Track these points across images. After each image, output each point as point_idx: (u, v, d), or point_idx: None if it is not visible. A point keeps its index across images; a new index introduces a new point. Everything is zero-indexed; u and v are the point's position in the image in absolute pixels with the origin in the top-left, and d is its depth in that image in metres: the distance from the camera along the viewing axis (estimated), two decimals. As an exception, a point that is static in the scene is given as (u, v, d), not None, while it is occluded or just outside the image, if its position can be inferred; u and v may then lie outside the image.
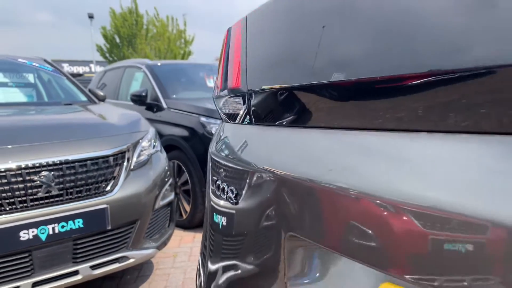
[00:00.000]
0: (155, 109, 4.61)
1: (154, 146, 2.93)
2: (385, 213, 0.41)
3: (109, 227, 2.35)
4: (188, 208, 4.07)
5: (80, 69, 37.42)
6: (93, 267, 2.33)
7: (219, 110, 0.88)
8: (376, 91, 0.47)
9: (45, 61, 4.01)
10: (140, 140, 2.76)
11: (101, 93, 3.81)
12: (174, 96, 4.73)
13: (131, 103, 4.78)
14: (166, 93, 4.69)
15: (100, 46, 22.99)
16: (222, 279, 0.79)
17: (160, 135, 4.16)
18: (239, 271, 0.72)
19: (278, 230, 0.61)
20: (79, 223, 2.23)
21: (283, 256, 0.58)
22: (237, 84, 0.73)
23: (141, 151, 2.73)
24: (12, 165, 2.08)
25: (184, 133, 4.10)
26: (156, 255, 3.31)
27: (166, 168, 2.96)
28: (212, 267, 0.85)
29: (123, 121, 2.87)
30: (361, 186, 0.44)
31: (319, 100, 0.53)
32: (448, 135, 0.40)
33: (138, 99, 4.65)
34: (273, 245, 0.63)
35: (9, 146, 2.18)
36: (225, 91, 0.79)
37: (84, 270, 2.29)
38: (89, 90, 3.82)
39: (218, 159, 0.77)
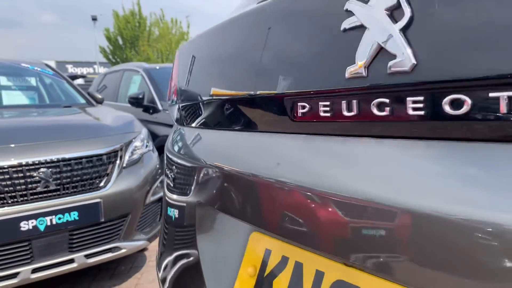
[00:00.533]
0: (151, 111, 4.82)
1: (146, 146, 3.14)
2: (255, 186, 0.62)
3: (102, 220, 2.57)
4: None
5: (84, 70, 37.79)
6: (88, 256, 2.54)
7: (171, 115, 1.09)
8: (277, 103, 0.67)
9: (46, 65, 4.24)
10: (133, 140, 2.98)
11: (99, 96, 4.04)
12: (170, 98, 4.94)
13: (129, 105, 5.00)
14: (162, 96, 4.90)
15: (103, 47, 23.30)
16: (175, 269, 0.94)
17: (156, 135, 4.37)
18: (190, 259, 0.88)
19: (243, 229, 0.80)
20: (74, 215, 2.45)
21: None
22: (174, 97, 0.95)
23: (134, 150, 2.94)
24: (14, 162, 2.30)
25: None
26: (149, 249, 3.53)
27: (158, 166, 3.17)
28: (167, 259, 1.00)
29: (117, 123, 3.08)
30: (245, 169, 0.65)
31: (222, 110, 0.74)
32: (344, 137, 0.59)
33: (135, 101, 4.87)
34: (232, 242, 0.81)
35: (12, 145, 2.40)
36: (170, 101, 1.00)
37: (79, 259, 2.51)
38: (88, 93, 4.04)
39: (170, 156, 0.98)
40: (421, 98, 0.42)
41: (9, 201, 2.27)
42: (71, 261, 2.48)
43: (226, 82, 0.71)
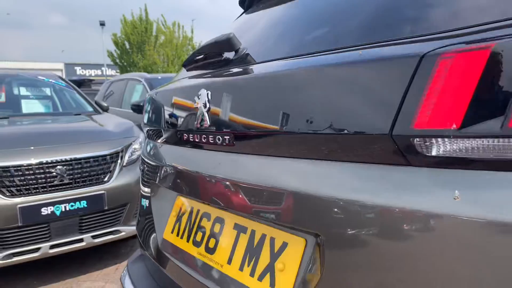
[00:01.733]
0: (151, 117, 5.44)
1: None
2: (179, 172, 1.21)
3: (106, 208, 3.19)
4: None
5: (92, 72, 38.70)
6: (94, 237, 3.16)
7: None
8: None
9: (59, 77, 4.88)
10: (132, 143, 3.59)
11: (105, 104, 4.67)
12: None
13: (131, 111, 5.62)
14: (161, 103, 5.52)
15: (110, 52, 24.06)
16: (142, 224, 1.52)
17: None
18: (148, 216, 1.45)
19: (173, 193, 1.38)
20: (84, 203, 3.07)
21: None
22: (144, 122, 1.55)
23: (132, 152, 3.56)
24: (34, 161, 2.93)
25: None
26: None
27: (153, 165, 3.78)
28: (140, 219, 1.58)
29: (119, 128, 3.71)
30: (174, 163, 1.24)
31: (165, 135, 1.33)
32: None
33: (137, 108, 5.49)
34: (168, 204, 1.40)
35: (32, 148, 3.03)
36: (143, 124, 1.60)
37: (87, 239, 3.13)
38: (95, 102, 4.68)
39: (143, 158, 1.57)
40: (212, 135, 1.01)
41: (33, 192, 2.90)
42: (81, 240, 3.10)
43: (166, 120, 1.30)
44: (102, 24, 27.32)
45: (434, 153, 0.57)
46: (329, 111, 0.72)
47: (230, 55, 1.06)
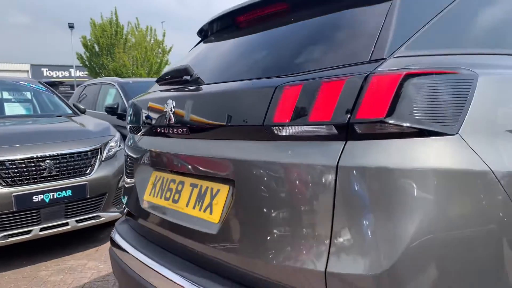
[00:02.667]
0: (124, 118, 5.94)
1: (119, 146, 4.29)
2: (154, 152, 1.78)
3: (88, 196, 3.71)
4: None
5: (59, 74, 38.22)
6: (78, 221, 3.68)
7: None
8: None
9: (40, 82, 5.33)
10: (109, 141, 4.12)
11: (82, 107, 5.16)
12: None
13: (105, 113, 6.11)
14: (133, 106, 6.03)
15: (80, 54, 24.13)
16: (127, 193, 2.10)
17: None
18: (132, 185, 2.04)
19: (150, 169, 1.95)
20: (69, 192, 3.58)
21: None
22: (128, 120, 2.12)
23: (110, 148, 4.09)
24: (27, 156, 3.42)
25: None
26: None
27: (128, 160, 4.31)
28: (125, 189, 2.16)
29: (97, 128, 4.23)
30: (150, 148, 1.80)
31: (143, 130, 1.90)
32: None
33: (111, 110, 5.98)
34: (146, 176, 1.97)
35: (23, 144, 3.52)
36: (126, 121, 2.17)
37: (72, 223, 3.64)
38: (73, 105, 5.16)
39: (128, 146, 2.13)
40: (175, 128, 1.60)
41: (25, 182, 3.40)
42: (66, 224, 3.61)
43: (144, 119, 1.88)
44: (71, 26, 27.26)
45: (281, 134, 1.19)
46: (237, 113, 1.33)
47: (187, 77, 1.66)
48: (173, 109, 1.60)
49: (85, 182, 3.70)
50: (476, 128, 1.10)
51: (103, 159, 3.95)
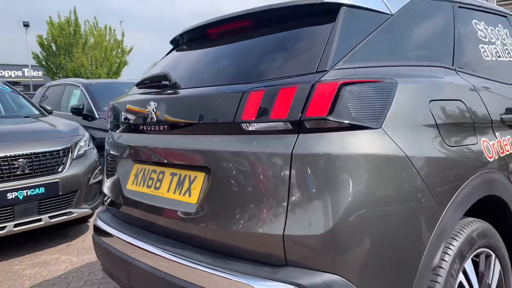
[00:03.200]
0: (89, 119, 6.07)
1: (88, 145, 4.46)
2: (135, 148, 2.04)
3: (60, 193, 3.88)
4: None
5: (12, 73, 36.85)
6: (51, 217, 3.84)
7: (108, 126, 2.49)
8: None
9: (4, 83, 5.39)
10: (80, 141, 4.29)
11: (49, 108, 5.27)
12: (105, 108, 6.22)
13: (71, 114, 6.21)
14: (98, 106, 6.17)
15: (36, 53, 23.48)
16: (110, 184, 2.35)
17: (94, 138, 5.64)
18: (115, 177, 2.28)
19: (131, 162, 2.19)
20: (42, 189, 3.74)
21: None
22: (108, 119, 2.36)
23: (80, 148, 4.26)
24: (0, 155, 3.56)
25: (112, 136, 5.62)
26: (91, 220, 4.84)
27: (97, 159, 4.49)
28: (106, 181, 2.40)
29: (67, 128, 4.39)
30: (130, 143, 2.06)
31: (122, 128, 2.15)
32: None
33: (76, 111, 6.10)
34: (128, 169, 2.21)
35: (-4, 144, 3.65)
36: (107, 120, 2.41)
37: (45, 219, 3.80)
38: (40, 106, 5.26)
39: (109, 142, 2.37)
40: (157, 126, 1.88)
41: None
42: (40, 220, 3.77)
43: (126, 118, 2.13)
44: (26, 25, 26.42)
45: (248, 129, 1.50)
46: (212, 113, 1.63)
47: (166, 82, 1.93)
48: (155, 110, 1.87)
49: (58, 180, 3.86)
50: (395, 123, 1.46)
51: (74, 157, 4.12)
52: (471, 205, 1.64)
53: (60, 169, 3.94)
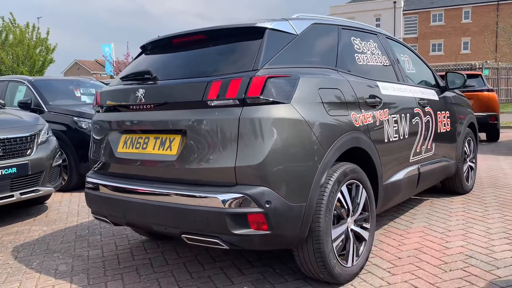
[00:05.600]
0: (38, 112, 6.55)
1: (48, 133, 5.08)
2: (123, 122, 2.86)
3: (30, 173, 4.50)
4: (66, 177, 6.17)
5: None
6: (22, 194, 4.45)
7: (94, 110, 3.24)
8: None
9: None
10: (42, 129, 4.91)
11: (3, 101, 5.75)
12: (51, 103, 6.73)
13: (19, 108, 6.63)
14: (46, 101, 6.67)
15: None
16: (101, 155, 3.11)
17: (45, 129, 6.17)
18: (108, 145, 3.06)
19: (120, 133, 2.99)
20: (14, 169, 4.35)
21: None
22: (96, 106, 3.13)
23: (43, 135, 4.88)
24: (-23, 139, 4.12)
25: (63, 128, 6.21)
26: (50, 201, 5.45)
27: (56, 146, 5.12)
28: (94, 153, 3.17)
29: (31, 118, 4.99)
30: (120, 119, 2.88)
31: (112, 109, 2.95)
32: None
33: (25, 105, 6.54)
34: (118, 138, 3.00)
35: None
36: (94, 108, 3.18)
37: (17, 195, 4.41)
38: (-6, 100, 5.72)
39: (95, 123, 3.14)
40: (145, 105, 2.75)
41: (-22, 160, 4.10)
42: (12, 196, 4.37)
43: (119, 100, 2.94)
44: None
45: (212, 104, 2.44)
46: (187, 94, 2.55)
47: (148, 76, 2.80)
48: (143, 94, 2.74)
49: (27, 161, 4.49)
50: (298, 101, 2.49)
51: (39, 143, 4.74)
52: (345, 150, 2.73)
53: (28, 152, 4.56)
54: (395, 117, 3.38)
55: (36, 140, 4.71)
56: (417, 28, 48.59)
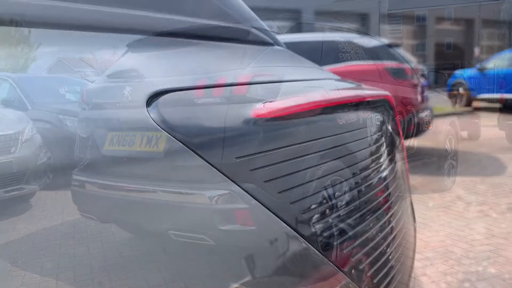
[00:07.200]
0: (22, 110, 6.49)
1: (32, 131, 5.04)
2: (110, 119, 2.90)
3: (14, 171, 4.47)
4: (51, 175, 6.13)
5: None
6: (5, 192, 4.41)
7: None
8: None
9: None
10: (26, 127, 4.87)
11: (-14, 99, 5.70)
12: (35, 100, 6.67)
13: (2, 106, 6.55)
14: (30, 98, 6.60)
15: None
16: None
17: (29, 127, 6.13)
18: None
19: (105, 130, 3.02)
20: None
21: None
22: (83, 103, 3.15)
23: (27, 133, 4.84)
24: (-38, 137, 4.09)
25: (47, 126, 6.15)
26: (35, 199, 5.40)
27: (41, 144, 5.09)
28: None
29: (15, 116, 4.92)
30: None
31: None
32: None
33: (8, 103, 6.47)
34: (103, 134, 3.04)
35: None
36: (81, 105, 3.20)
37: (1, 193, 4.37)
38: (-23, 97, 5.66)
39: (80, 121, 3.16)
40: (131, 102, 2.77)
41: (-39, 158, 4.07)
42: (-4, 194, 4.34)
43: (101, 99, 2.96)
44: None
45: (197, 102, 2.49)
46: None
47: (133, 74, 2.81)
48: (129, 91, 2.75)
49: (11, 159, 4.45)
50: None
51: (23, 141, 4.71)
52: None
53: (12, 150, 4.52)
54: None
55: (20, 138, 4.68)
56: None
